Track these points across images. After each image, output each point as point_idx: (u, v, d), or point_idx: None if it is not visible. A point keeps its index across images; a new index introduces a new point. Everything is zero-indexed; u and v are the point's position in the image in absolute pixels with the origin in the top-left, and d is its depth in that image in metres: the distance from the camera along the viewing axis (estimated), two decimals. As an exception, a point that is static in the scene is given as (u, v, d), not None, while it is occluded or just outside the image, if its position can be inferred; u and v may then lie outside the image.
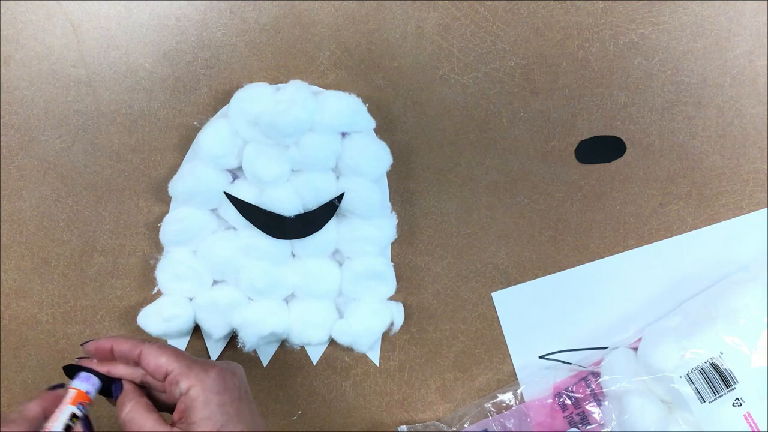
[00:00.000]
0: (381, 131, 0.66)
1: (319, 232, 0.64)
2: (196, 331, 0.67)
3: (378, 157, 0.64)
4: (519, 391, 0.68)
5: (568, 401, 0.68)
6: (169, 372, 0.48)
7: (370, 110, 0.64)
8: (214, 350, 0.67)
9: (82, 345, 0.52)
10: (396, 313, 0.67)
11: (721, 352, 0.63)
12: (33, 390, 0.67)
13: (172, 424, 0.48)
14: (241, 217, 0.63)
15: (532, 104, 0.67)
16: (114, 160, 0.66)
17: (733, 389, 0.62)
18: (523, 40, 0.66)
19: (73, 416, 0.50)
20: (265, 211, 0.63)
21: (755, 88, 0.67)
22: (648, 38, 0.66)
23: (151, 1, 0.64)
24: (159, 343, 0.51)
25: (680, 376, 0.63)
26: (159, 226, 0.65)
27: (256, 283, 0.64)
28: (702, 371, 0.63)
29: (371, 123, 0.65)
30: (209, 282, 0.66)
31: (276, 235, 0.63)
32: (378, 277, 0.66)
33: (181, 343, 0.67)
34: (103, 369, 0.51)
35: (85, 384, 0.51)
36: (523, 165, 0.68)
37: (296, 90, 0.62)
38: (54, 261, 0.67)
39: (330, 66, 0.66)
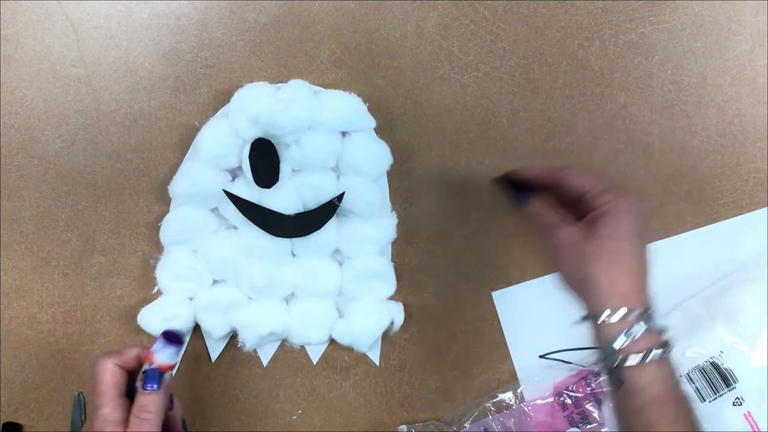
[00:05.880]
0: (381, 131, 0.66)
1: (319, 231, 0.64)
2: (196, 330, 0.67)
3: (378, 156, 0.64)
4: (519, 391, 0.68)
5: (568, 401, 0.68)
6: (593, 188, 0.53)
7: (370, 109, 0.64)
8: (215, 349, 0.67)
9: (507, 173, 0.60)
10: (396, 313, 0.67)
11: (721, 352, 0.63)
12: (33, 389, 0.67)
13: None
14: (242, 215, 0.63)
15: (532, 103, 0.67)
16: (114, 160, 0.66)
17: (733, 388, 0.62)
18: (523, 39, 0.66)
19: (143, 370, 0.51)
20: (265, 209, 0.63)
21: (755, 88, 0.67)
22: (648, 37, 0.66)
23: (151, 1, 0.64)
24: (576, 167, 0.56)
25: (680, 375, 0.63)
26: (159, 226, 0.65)
27: (257, 283, 0.64)
28: (702, 370, 0.63)
29: (371, 122, 0.65)
30: (209, 281, 0.66)
31: (276, 233, 0.63)
32: (378, 277, 0.66)
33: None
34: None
35: (157, 350, 0.51)
36: (523, 164, 0.67)
37: (296, 89, 0.62)
38: (54, 260, 0.67)
39: (330, 65, 0.66)
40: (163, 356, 0.51)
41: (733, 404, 0.63)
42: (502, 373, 0.69)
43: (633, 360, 0.48)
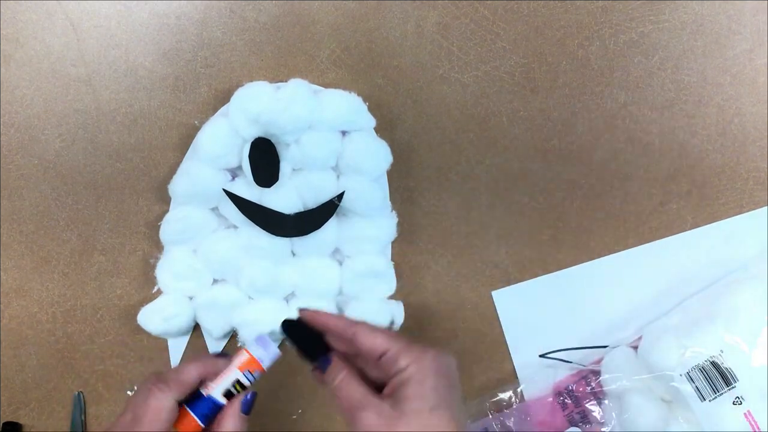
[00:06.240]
0: (381, 130, 0.66)
1: (319, 230, 0.64)
2: (196, 329, 0.67)
3: (378, 155, 0.64)
4: (519, 390, 0.68)
5: (568, 400, 0.68)
6: (386, 351, 0.47)
7: (370, 109, 0.64)
8: (215, 349, 0.67)
9: (300, 309, 0.52)
10: (396, 312, 0.67)
11: (722, 351, 0.63)
12: (33, 390, 0.67)
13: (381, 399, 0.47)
14: (242, 215, 0.63)
15: (532, 103, 0.67)
16: (114, 159, 0.66)
17: (733, 388, 0.62)
18: (523, 38, 0.66)
19: (238, 383, 0.48)
20: (265, 208, 0.63)
21: (755, 87, 0.67)
22: (648, 36, 0.66)
23: (151, 1, 0.64)
24: (370, 324, 0.49)
25: (680, 375, 0.63)
26: (159, 225, 0.65)
27: (257, 282, 0.64)
28: (702, 370, 0.63)
29: (371, 122, 0.65)
30: (209, 281, 0.66)
31: (276, 232, 0.63)
32: (378, 276, 0.66)
33: (182, 342, 0.67)
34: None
35: (260, 350, 0.48)
36: (523, 163, 0.68)
37: (296, 88, 0.62)
38: (54, 260, 0.67)
39: (330, 65, 0.66)
40: (269, 363, 0.49)
41: (733, 403, 0.62)
42: (502, 373, 0.69)
43: None
